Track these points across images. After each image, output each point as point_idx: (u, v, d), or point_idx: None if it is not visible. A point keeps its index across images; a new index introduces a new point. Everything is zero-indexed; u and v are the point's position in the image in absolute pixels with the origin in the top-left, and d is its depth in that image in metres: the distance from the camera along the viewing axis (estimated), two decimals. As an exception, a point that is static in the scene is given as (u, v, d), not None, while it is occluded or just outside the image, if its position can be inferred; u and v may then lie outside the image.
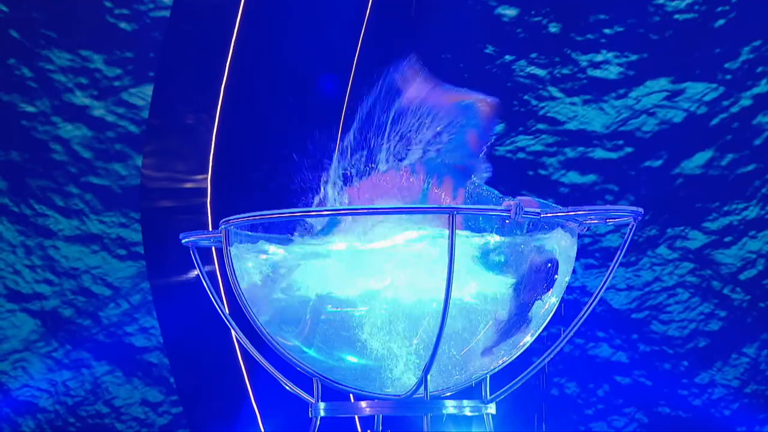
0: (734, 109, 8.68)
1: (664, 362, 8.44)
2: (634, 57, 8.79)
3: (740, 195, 8.64)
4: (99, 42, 8.82)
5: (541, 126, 8.74)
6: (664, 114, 8.70)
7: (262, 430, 8.05)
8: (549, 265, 5.57)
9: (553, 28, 8.86)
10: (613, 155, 8.76)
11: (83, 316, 8.57)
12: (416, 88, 6.10)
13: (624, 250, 5.47)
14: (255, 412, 8.01)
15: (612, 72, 8.78)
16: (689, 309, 8.48)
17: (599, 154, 8.75)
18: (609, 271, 5.55)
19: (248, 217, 5.52)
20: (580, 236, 5.71)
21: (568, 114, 8.76)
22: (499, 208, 5.34)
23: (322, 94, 8.66)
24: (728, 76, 8.69)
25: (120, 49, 8.85)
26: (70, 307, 8.59)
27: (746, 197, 8.64)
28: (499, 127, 8.76)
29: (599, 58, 8.81)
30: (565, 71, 8.82)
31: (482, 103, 5.87)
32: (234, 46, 8.24)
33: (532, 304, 5.55)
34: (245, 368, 7.98)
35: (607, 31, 8.81)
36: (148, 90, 8.63)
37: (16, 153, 8.67)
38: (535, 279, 5.55)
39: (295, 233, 5.60)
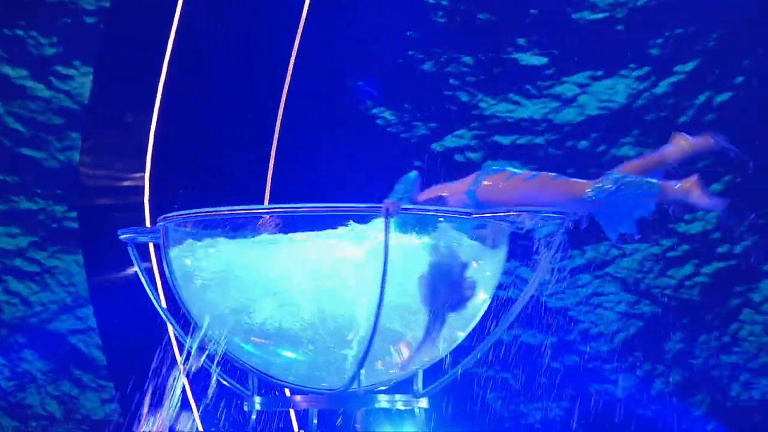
0: (658, 90, 8.76)
1: (596, 350, 8.48)
2: (556, 52, 8.87)
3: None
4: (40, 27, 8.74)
5: (472, 120, 8.74)
6: (591, 104, 8.78)
7: (199, 423, 8.03)
8: (466, 265, 5.59)
9: (482, 22, 8.91)
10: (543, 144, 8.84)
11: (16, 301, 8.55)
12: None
13: (555, 249, 5.52)
14: (191, 406, 7.96)
15: (539, 65, 8.87)
16: (616, 300, 8.53)
17: (530, 143, 8.80)
18: (537, 271, 5.58)
19: (186, 214, 5.56)
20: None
21: (499, 108, 8.82)
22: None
23: (259, 93, 8.67)
24: (646, 68, 8.77)
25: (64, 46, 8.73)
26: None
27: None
28: (433, 124, 8.80)
29: (526, 53, 8.90)
30: (494, 67, 8.88)
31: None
32: (172, 44, 8.22)
33: (454, 303, 5.57)
34: (182, 366, 7.88)
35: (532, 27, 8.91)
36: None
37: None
38: (454, 279, 5.57)
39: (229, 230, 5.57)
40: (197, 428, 8.05)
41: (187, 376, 6.89)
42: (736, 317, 8.37)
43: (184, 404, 8.00)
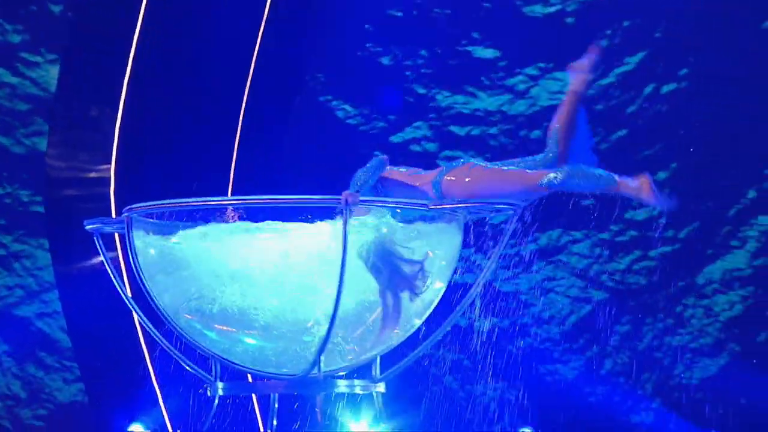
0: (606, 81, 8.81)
1: (546, 334, 8.53)
2: (508, 45, 8.93)
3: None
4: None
5: (429, 112, 8.78)
6: (543, 95, 8.81)
7: (163, 408, 8.03)
8: (422, 254, 5.59)
9: (438, 16, 8.94)
10: (502, 138, 8.85)
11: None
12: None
13: (506, 240, 5.57)
14: (156, 392, 7.99)
15: (492, 58, 8.90)
16: (567, 284, 8.56)
17: (483, 134, 8.81)
18: (491, 259, 5.65)
19: (150, 205, 5.57)
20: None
21: (454, 100, 8.84)
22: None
23: (223, 87, 8.63)
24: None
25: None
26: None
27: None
28: (391, 116, 8.84)
29: (479, 46, 8.91)
30: (449, 60, 8.91)
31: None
32: (137, 37, 8.16)
33: (410, 292, 5.60)
34: (147, 352, 7.97)
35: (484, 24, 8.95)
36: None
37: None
38: (405, 270, 5.58)
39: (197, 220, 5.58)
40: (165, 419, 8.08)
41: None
42: (680, 300, 8.45)
43: (150, 390, 8.06)
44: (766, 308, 8.49)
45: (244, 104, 8.65)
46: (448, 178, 5.64)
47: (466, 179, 5.62)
